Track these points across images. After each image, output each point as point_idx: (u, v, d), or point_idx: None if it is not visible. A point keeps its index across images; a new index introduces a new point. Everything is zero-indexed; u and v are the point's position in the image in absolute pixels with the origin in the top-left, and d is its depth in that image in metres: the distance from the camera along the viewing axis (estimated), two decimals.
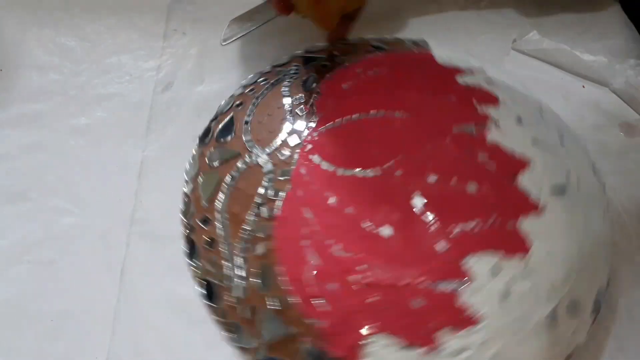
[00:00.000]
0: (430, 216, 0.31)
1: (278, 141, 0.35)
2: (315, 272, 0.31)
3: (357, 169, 0.33)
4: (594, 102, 0.40)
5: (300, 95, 0.38)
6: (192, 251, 0.34)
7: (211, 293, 0.32)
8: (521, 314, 0.29)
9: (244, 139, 0.36)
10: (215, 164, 0.36)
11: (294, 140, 0.35)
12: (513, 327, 0.29)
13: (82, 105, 0.40)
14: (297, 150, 0.35)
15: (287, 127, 0.36)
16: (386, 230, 0.31)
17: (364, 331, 0.29)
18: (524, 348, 0.29)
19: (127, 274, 0.34)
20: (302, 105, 0.37)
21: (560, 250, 0.31)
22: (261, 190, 0.34)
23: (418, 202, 0.32)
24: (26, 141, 0.38)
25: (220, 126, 0.38)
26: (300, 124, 0.36)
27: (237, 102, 0.39)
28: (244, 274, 0.32)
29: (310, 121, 0.36)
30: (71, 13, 0.45)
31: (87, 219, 0.36)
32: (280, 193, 0.33)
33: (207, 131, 0.38)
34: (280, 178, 0.34)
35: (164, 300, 0.33)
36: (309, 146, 0.35)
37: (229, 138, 0.37)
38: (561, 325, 0.29)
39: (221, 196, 0.34)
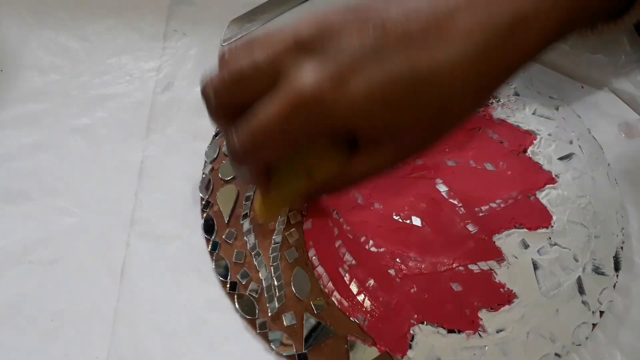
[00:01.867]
0: (455, 200, 0.32)
1: None
2: (352, 270, 0.31)
3: None
4: (593, 102, 0.40)
5: None
6: (226, 270, 0.33)
7: (250, 307, 0.32)
8: (552, 284, 0.31)
9: None
10: (230, 178, 0.36)
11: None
12: (546, 298, 0.30)
13: (83, 105, 0.40)
14: None
15: None
16: (416, 220, 0.32)
17: (408, 322, 0.30)
18: (559, 316, 0.30)
19: (127, 273, 0.34)
20: None
21: (578, 216, 0.32)
22: None
23: (442, 188, 0.32)
24: (27, 141, 0.38)
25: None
26: None
27: None
28: (280, 282, 0.32)
29: None
30: (72, 14, 0.45)
31: (87, 218, 0.36)
32: None
33: (213, 147, 0.38)
34: None
35: (164, 300, 0.33)
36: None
37: None
38: (590, 288, 0.31)
39: (243, 209, 0.34)
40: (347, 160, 0.24)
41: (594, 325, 0.31)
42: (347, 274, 0.31)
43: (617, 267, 0.32)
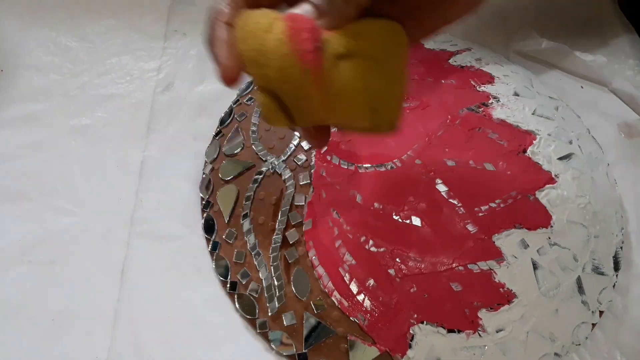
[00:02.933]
0: (455, 200, 0.32)
1: (292, 147, 0.36)
2: (352, 270, 0.31)
3: (377, 164, 0.34)
4: (593, 102, 0.40)
5: None
6: (226, 270, 0.33)
7: (250, 307, 0.32)
8: (552, 284, 0.30)
9: (255, 149, 0.36)
10: (230, 178, 0.36)
11: (307, 144, 0.35)
12: (546, 298, 0.30)
13: (83, 105, 0.40)
14: (313, 153, 0.35)
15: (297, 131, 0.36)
16: (415, 221, 0.32)
17: (408, 322, 0.30)
18: (559, 316, 0.30)
19: (127, 273, 0.34)
20: None
21: (577, 216, 0.32)
22: (284, 198, 0.34)
23: (441, 188, 0.32)
24: (27, 141, 0.38)
25: (226, 140, 0.38)
26: None
27: (239, 114, 0.39)
28: (280, 282, 0.32)
29: None
30: (72, 13, 0.45)
31: (87, 218, 0.36)
32: (304, 198, 0.33)
33: (213, 147, 0.38)
34: (301, 183, 0.34)
35: (164, 300, 0.33)
36: (324, 147, 0.35)
37: (238, 150, 0.37)
38: (589, 287, 0.31)
39: (243, 209, 0.34)
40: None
41: (593, 325, 0.31)
42: (347, 274, 0.31)
43: (616, 267, 0.32)
